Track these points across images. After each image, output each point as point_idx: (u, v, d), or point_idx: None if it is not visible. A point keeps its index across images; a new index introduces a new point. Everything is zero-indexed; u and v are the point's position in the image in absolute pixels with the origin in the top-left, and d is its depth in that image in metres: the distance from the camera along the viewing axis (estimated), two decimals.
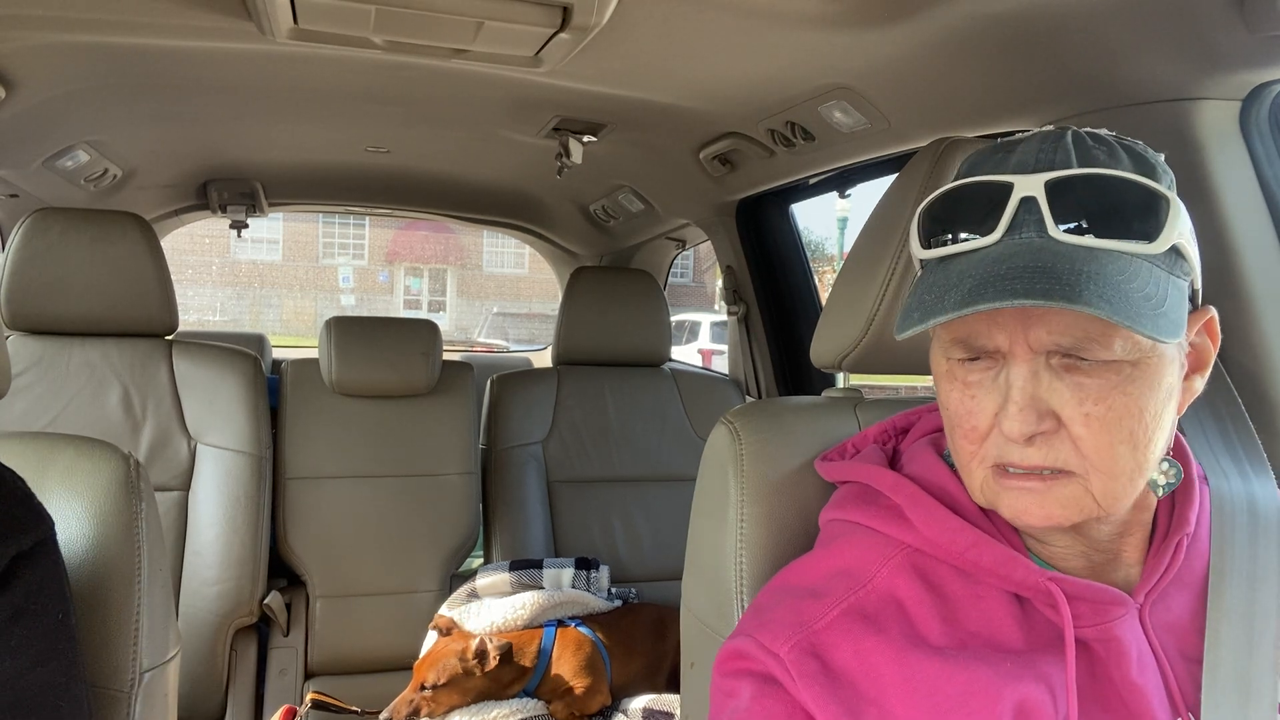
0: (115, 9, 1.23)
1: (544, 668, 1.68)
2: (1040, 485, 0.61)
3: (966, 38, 1.12)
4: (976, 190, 0.63)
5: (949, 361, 0.65)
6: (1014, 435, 0.59)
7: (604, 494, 2.24)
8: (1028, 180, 0.61)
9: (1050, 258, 0.57)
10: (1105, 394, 0.59)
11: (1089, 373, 0.59)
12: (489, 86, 1.59)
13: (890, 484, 0.73)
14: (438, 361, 2.20)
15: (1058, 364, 0.60)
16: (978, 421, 0.63)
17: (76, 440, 1.10)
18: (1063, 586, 0.63)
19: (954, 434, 0.65)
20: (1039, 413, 0.59)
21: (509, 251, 22.39)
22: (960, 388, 0.64)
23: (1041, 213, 0.60)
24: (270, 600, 1.97)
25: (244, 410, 1.93)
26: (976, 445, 0.63)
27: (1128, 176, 0.60)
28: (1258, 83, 1.03)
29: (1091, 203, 0.59)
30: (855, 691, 0.63)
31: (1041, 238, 0.59)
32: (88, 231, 1.79)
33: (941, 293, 0.60)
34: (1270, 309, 1.05)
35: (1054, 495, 0.60)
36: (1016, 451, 0.61)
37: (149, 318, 1.86)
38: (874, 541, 0.71)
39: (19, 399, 1.78)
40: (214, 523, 1.87)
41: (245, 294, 21.15)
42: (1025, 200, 0.60)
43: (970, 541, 0.66)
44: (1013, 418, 0.59)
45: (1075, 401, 0.59)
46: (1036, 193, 0.60)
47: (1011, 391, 0.59)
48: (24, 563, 0.68)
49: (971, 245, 0.62)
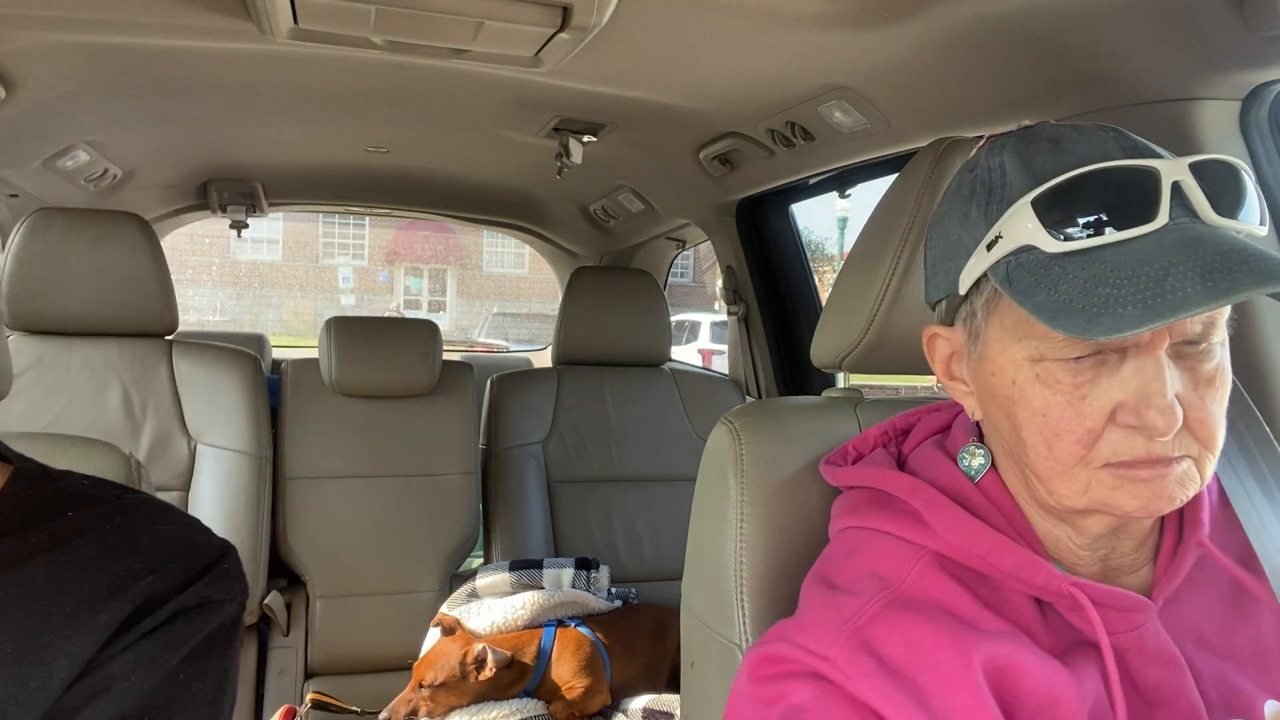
0: (115, 9, 1.23)
1: (544, 668, 1.68)
2: (1169, 471, 0.59)
3: (967, 37, 1.12)
4: (1109, 177, 0.59)
5: (1045, 363, 0.60)
6: (1163, 429, 0.57)
7: (604, 494, 2.24)
8: (1169, 165, 0.58)
9: (1215, 244, 0.55)
10: (1216, 379, 0.60)
11: (1198, 358, 0.59)
12: (489, 86, 1.59)
13: (908, 488, 0.70)
14: (438, 361, 2.21)
15: (1171, 352, 0.59)
16: (1093, 423, 0.59)
17: (77, 440, 1.10)
18: (1087, 593, 0.62)
19: (1058, 442, 0.60)
20: (1178, 400, 0.58)
21: (509, 251, 22.39)
22: (1065, 390, 0.59)
23: (1193, 200, 0.58)
24: (270, 600, 1.97)
25: (244, 410, 1.94)
26: (1087, 449, 0.59)
27: (1232, 161, 0.60)
28: (1258, 83, 1.03)
29: (1227, 186, 0.59)
30: (915, 684, 0.61)
31: (1195, 223, 0.58)
32: (88, 231, 1.79)
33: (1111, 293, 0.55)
34: (1270, 309, 1.05)
35: (1175, 479, 0.59)
36: (1142, 445, 0.58)
37: (149, 318, 1.86)
38: (896, 547, 0.69)
39: (19, 399, 1.78)
40: (214, 523, 1.84)
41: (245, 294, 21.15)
42: (1178, 185, 0.58)
43: (991, 545, 0.64)
44: (1162, 410, 0.56)
45: (1194, 387, 0.59)
46: (1183, 177, 0.58)
47: (1153, 385, 0.57)
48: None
49: (1133, 234, 0.57)
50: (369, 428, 2.17)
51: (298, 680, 2.04)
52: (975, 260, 0.63)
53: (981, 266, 0.63)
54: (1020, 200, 0.60)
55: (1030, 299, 0.58)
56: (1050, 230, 0.59)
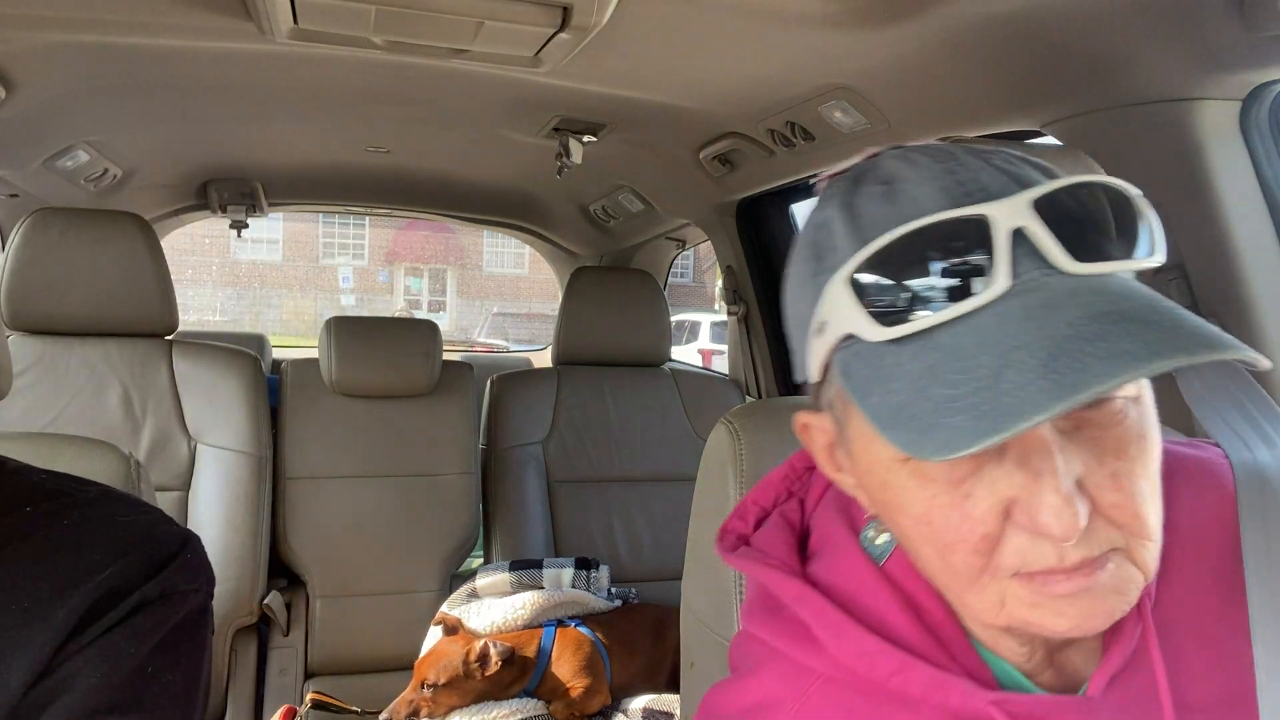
0: (115, 9, 1.23)
1: (543, 667, 1.68)
2: (1097, 578, 0.46)
3: (967, 37, 1.12)
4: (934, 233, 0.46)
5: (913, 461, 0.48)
6: (1064, 534, 0.44)
7: (604, 494, 2.24)
8: (1003, 208, 0.46)
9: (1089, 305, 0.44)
10: (1126, 443, 0.47)
11: (1101, 423, 0.47)
12: (489, 86, 1.59)
13: (792, 594, 0.58)
14: (438, 361, 2.21)
15: (1064, 425, 0.47)
16: (986, 527, 0.47)
17: (77, 440, 1.10)
18: (1008, 709, 0.51)
19: (952, 554, 0.49)
20: (1079, 493, 0.45)
21: (509, 251, 22.39)
22: (945, 490, 0.47)
23: (1043, 248, 0.45)
24: (270, 600, 1.97)
25: (244, 410, 1.94)
26: (989, 557, 0.48)
27: (1102, 180, 0.48)
28: (1258, 83, 1.03)
29: (1080, 222, 0.47)
30: None
31: (1051, 275, 0.45)
32: (88, 231, 1.79)
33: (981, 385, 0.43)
34: (1271, 309, 1.05)
35: (1110, 584, 0.47)
36: (1051, 552, 0.46)
37: (149, 318, 1.86)
38: (782, 669, 0.58)
39: (19, 399, 1.78)
40: (214, 523, 1.87)
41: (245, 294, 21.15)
42: (1019, 234, 0.46)
43: (895, 667, 0.53)
44: (1056, 511, 0.44)
45: (1097, 462, 0.46)
46: (1024, 221, 0.45)
47: (1043, 478, 0.45)
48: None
49: (968, 306, 0.45)
50: (369, 428, 2.17)
51: (298, 680, 2.04)
52: (812, 345, 0.53)
53: (820, 354, 0.52)
54: (835, 275, 0.49)
55: (866, 399, 0.47)
56: (871, 314, 0.47)
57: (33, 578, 0.60)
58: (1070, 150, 0.90)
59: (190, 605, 0.65)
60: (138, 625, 0.61)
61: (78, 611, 0.59)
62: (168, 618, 0.63)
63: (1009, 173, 0.49)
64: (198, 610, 0.66)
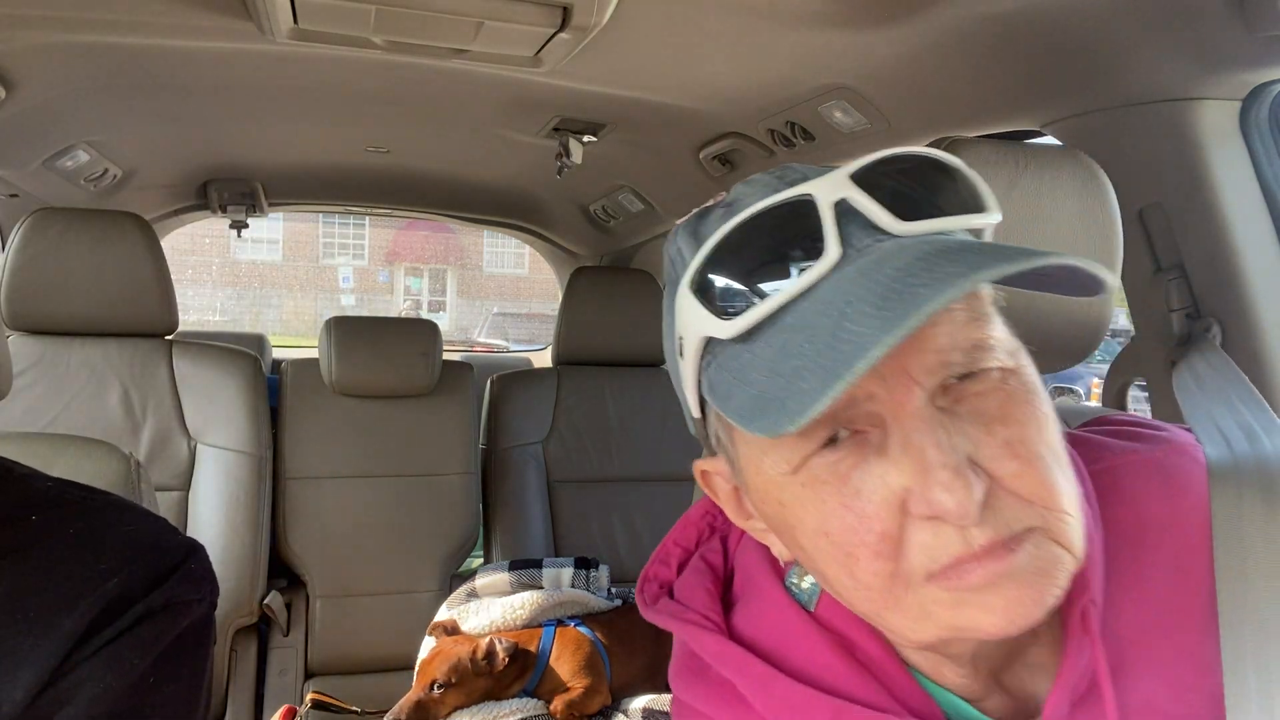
0: (115, 9, 1.23)
1: (543, 667, 1.68)
2: (1013, 560, 0.43)
3: (966, 38, 1.12)
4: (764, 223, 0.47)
5: (802, 461, 0.46)
6: (959, 510, 0.42)
7: (604, 494, 2.24)
8: (821, 185, 0.46)
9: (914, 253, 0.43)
10: (1010, 409, 0.45)
11: (980, 391, 0.45)
12: (489, 86, 1.59)
13: (713, 651, 0.55)
14: (438, 361, 2.21)
15: (943, 402, 0.45)
16: (885, 523, 0.44)
17: (77, 440, 1.10)
18: None
19: (856, 563, 0.45)
20: (970, 466, 0.43)
21: (509, 251, 22.39)
22: (835, 490, 0.45)
23: (866, 212, 0.46)
24: (270, 600, 1.97)
25: (244, 410, 1.94)
26: (894, 561, 0.44)
27: (919, 150, 0.49)
28: (1258, 83, 1.03)
29: (908, 185, 0.47)
30: None
31: (884, 240, 0.45)
32: (88, 231, 1.79)
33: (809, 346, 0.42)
34: (1270, 309, 1.05)
35: (1032, 565, 0.44)
36: (957, 539, 0.43)
37: (149, 318, 1.86)
38: None
39: (19, 399, 1.78)
40: (214, 523, 1.87)
41: (245, 294, 21.15)
42: (842, 205, 0.46)
43: (829, 716, 0.50)
44: (946, 485, 0.42)
45: (985, 432, 0.44)
46: (845, 192, 0.46)
47: (926, 453, 0.43)
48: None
49: (803, 283, 0.44)
50: (369, 428, 2.17)
51: (298, 680, 2.04)
52: (682, 373, 0.51)
53: (690, 379, 0.50)
54: (681, 287, 0.49)
55: (729, 403, 0.46)
56: (717, 312, 0.47)
57: (38, 589, 0.60)
58: (1070, 150, 0.90)
59: (193, 615, 0.65)
60: (141, 635, 0.61)
61: (83, 622, 0.59)
62: (171, 628, 0.63)
63: (833, 166, 0.49)
64: (201, 620, 0.66)
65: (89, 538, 0.64)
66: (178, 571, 0.65)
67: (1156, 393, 1.15)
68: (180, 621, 0.63)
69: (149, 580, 0.63)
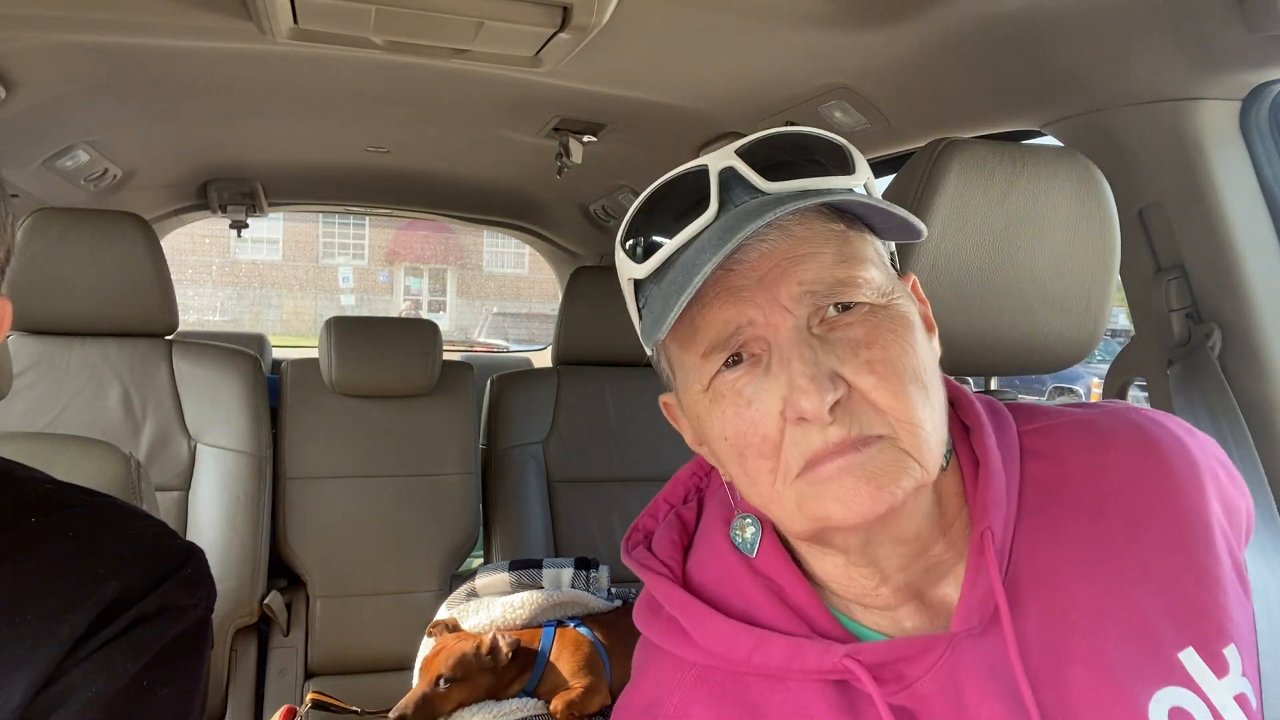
0: (115, 9, 1.23)
1: (543, 667, 1.68)
2: (859, 457, 0.53)
3: (966, 38, 1.12)
4: (674, 189, 0.59)
5: (709, 380, 0.57)
6: (814, 410, 0.52)
7: (604, 494, 2.23)
8: (714, 157, 0.58)
9: (776, 201, 0.55)
10: (876, 336, 0.54)
11: (850, 322, 0.55)
12: (489, 86, 1.59)
13: (663, 592, 0.64)
14: (438, 361, 2.21)
15: (818, 328, 0.55)
16: (766, 429, 0.54)
17: (77, 440, 1.10)
18: (861, 659, 0.56)
19: (746, 461, 0.56)
20: (829, 377, 0.53)
21: (509, 251, 22.39)
22: (731, 401, 0.56)
23: (746, 177, 0.57)
24: (270, 600, 1.97)
25: (244, 410, 1.94)
26: (774, 459, 0.55)
27: (799, 129, 0.59)
28: (1258, 83, 1.03)
29: (787, 156, 0.58)
30: None
31: (756, 198, 0.56)
32: (88, 231, 1.79)
33: (685, 276, 0.54)
34: (1270, 308, 1.05)
35: (876, 464, 0.53)
36: (818, 436, 0.53)
37: (149, 318, 1.86)
38: (665, 665, 0.64)
39: (19, 399, 1.78)
40: (214, 523, 1.87)
41: (245, 294, 21.15)
42: (725, 172, 0.57)
43: (752, 644, 0.59)
44: (804, 390, 0.52)
45: (851, 353, 0.54)
46: (730, 161, 0.57)
47: (793, 365, 0.53)
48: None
49: (691, 231, 0.57)
50: (369, 428, 2.17)
51: (298, 680, 2.04)
52: (631, 316, 0.64)
53: (635, 319, 0.63)
54: (617, 247, 0.62)
55: (644, 327, 0.59)
56: (634, 258, 0.60)
57: (38, 592, 0.60)
58: (1068, 151, 0.90)
59: (188, 620, 0.65)
60: (135, 639, 0.61)
61: (81, 626, 0.59)
62: (165, 632, 0.63)
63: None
64: (196, 625, 0.66)
65: (88, 541, 0.64)
66: (174, 576, 0.64)
67: (1156, 393, 1.15)
68: (175, 626, 0.63)
69: (145, 584, 0.63)
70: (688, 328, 0.57)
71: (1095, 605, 0.58)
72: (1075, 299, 0.88)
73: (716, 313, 0.55)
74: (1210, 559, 0.60)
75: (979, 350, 0.89)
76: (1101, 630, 0.57)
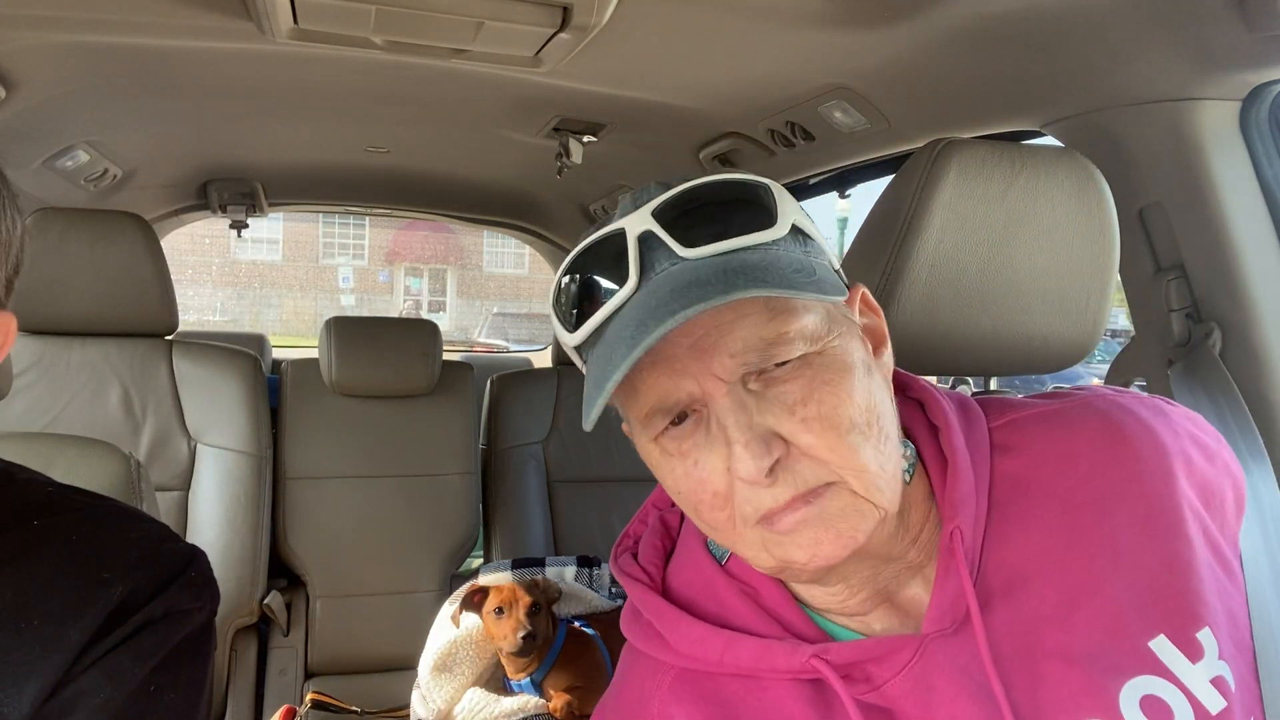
0: (115, 9, 1.23)
1: (553, 659, 1.68)
2: (812, 509, 0.54)
3: (966, 38, 1.12)
4: (595, 255, 0.59)
5: (657, 441, 0.58)
6: (753, 474, 0.53)
7: (604, 493, 2.24)
8: (633, 219, 0.57)
9: (693, 273, 0.54)
10: (810, 391, 0.54)
11: (785, 379, 0.55)
12: (489, 86, 1.59)
13: (638, 595, 0.66)
14: (438, 362, 2.21)
15: (755, 386, 0.55)
16: (716, 484, 0.55)
17: (77, 440, 1.10)
18: (829, 659, 0.57)
19: (701, 514, 0.58)
20: (764, 439, 0.53)
21: (509, 251, 22.39)
22: (679, 460, 0.57)
23: (664, 242, 0.56)
24: (270, 600, 1.97)
25: (244, 410, 1.94)
26: (727, 509, 0.56)
27: (717, 178, 0.58)
28: (1258, 83, 1.03)
29: (703, 214, 0.57)
30: None
31: (677, 264, 0.56)
32: (88, 231, 1.79)
33: (607, 361, 0.55)
34: (1270, 309, 1.05)
35: (831, 511, 0.54)
36: (767, 495, 0.54)
37: (149, 318, 1.86)
38: (645, 668, 0.66)
39: (19, 399, 1.79)
40: (214, 523, 1.87)
41: (245, 294, 21.15)
42: (643, 237, 0.56)
43: (723, 646, 0.61)
44: (740, 456, 0.53)
45: (787, 412, 0.54)
46: (648, 225, 0.56)
47: (729, 431, 0.54)
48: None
49: (613, 304, 0.56)
50: (369, 428, 2.17)
51: (298, 680, 2.04)
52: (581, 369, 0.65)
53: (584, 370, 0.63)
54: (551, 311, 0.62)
55: (585, 392, 0.58)
56: (565, 325, 0.60)
57: (42, 598, 0.60)
58: (1067, 152, 0.90)
59: (193, 623, 0.65)
60: (141, 644, 0.61)
61: (88, 631, 0.59)
62: (170, 636, 0.63)
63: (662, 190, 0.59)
64: (200, 628, 0.66)
65: (92, 545, 0.63)
66: (178, 580, 0.64)
67: (1156, 393, 1.15)
68: (180, 630, 0.63)
69: (150, 589, 0.62)
70: (629, 390, 0.57)
71: (1066, 598, 0.59)
72: (1075, 299, 0.88)
73: (654, 382, 0.56)
74: (1181, 544, 0.60)
75: (978, 350, 0.89)
76: (1072, 623, 0.58)
